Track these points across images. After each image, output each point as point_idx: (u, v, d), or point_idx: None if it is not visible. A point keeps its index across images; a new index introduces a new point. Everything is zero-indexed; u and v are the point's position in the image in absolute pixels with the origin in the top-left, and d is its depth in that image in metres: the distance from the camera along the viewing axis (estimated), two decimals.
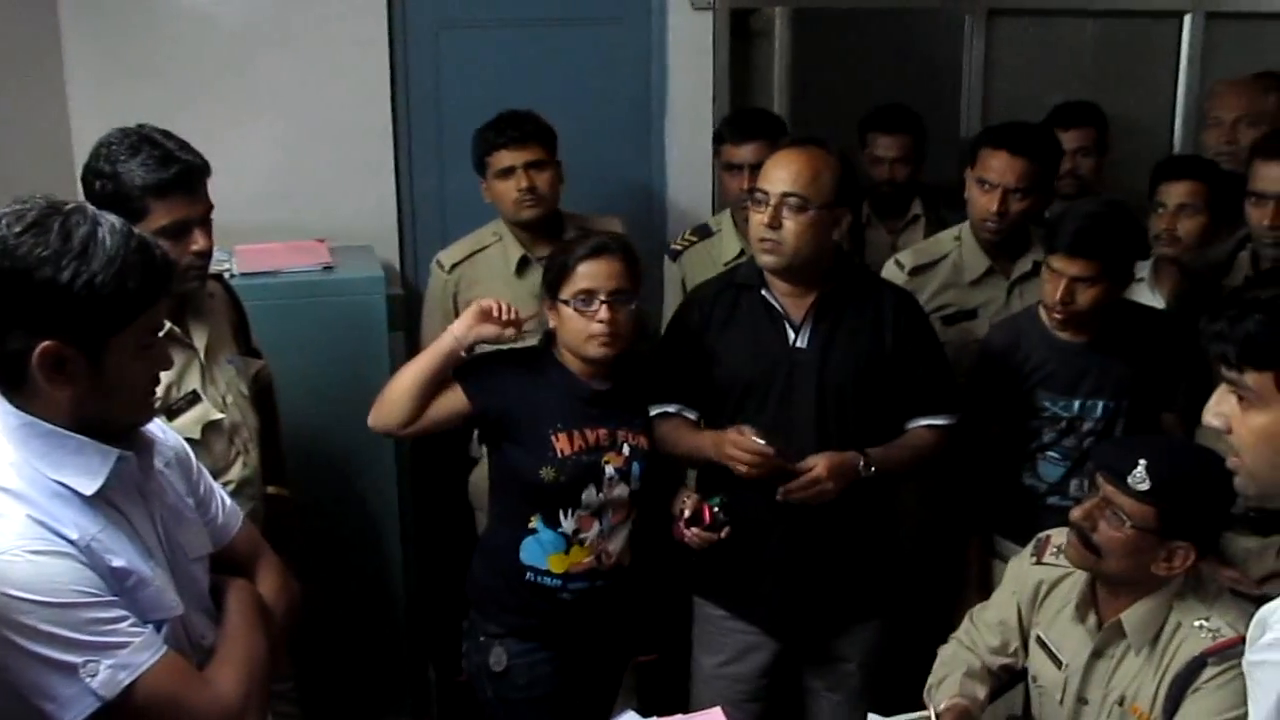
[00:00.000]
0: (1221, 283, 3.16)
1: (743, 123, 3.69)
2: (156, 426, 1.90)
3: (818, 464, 2.66)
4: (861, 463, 2.71)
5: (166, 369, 1.80)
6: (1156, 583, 2.26)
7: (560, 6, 4.12)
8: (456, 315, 3.45)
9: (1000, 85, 4.60)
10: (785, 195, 2.67)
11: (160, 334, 1.75)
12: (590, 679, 2.90)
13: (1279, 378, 1.59)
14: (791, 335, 2.77)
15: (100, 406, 1.68)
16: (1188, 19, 4.77)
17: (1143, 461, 2.19)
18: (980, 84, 4.56)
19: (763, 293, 2.79)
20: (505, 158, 3.39)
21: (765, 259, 2.72)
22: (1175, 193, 3.38)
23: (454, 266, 3.51)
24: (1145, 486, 2.18)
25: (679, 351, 2.87)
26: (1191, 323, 2.91)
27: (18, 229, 1.59)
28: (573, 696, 2.85)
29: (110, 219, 1.66)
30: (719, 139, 3.73)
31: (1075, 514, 2.29)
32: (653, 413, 2.85)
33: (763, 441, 2.63)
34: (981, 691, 2.51)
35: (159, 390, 1.85)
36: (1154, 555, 2.23)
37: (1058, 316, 2.87)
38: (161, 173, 2.37)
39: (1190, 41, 4.77)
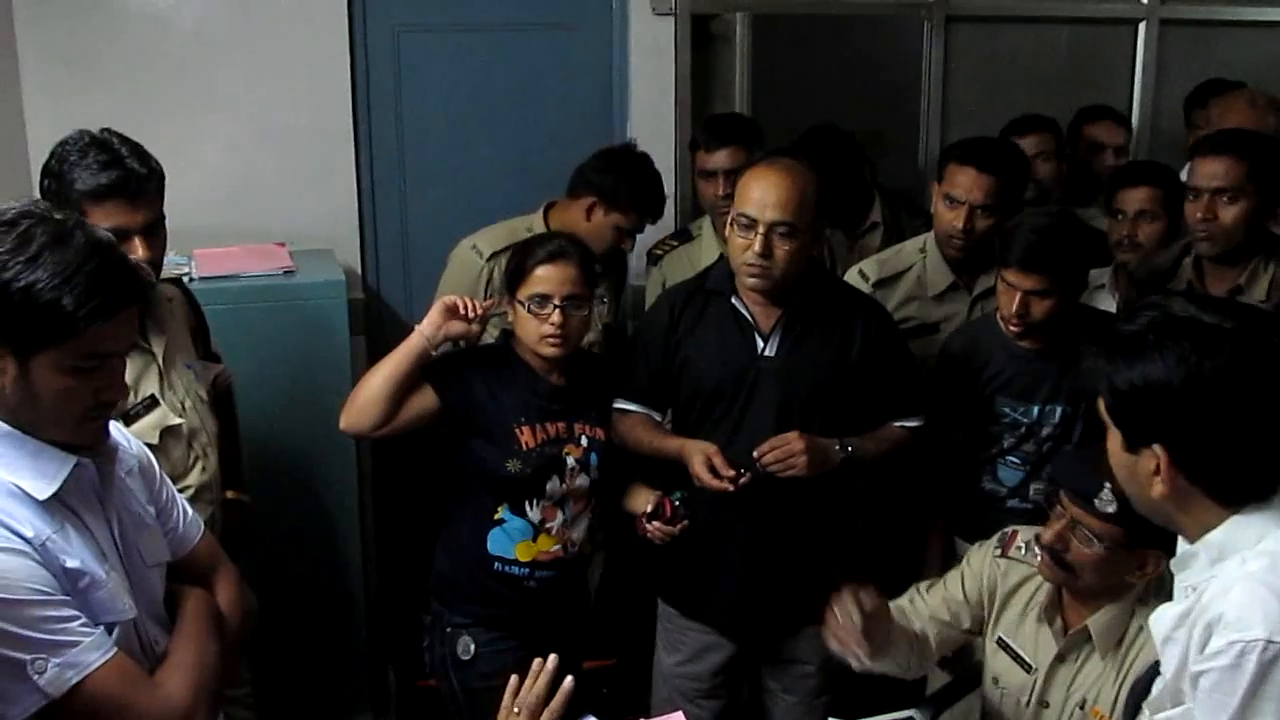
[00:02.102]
0: (1166, 288, 3.20)
1: (717, 128, 3.70)
2: (120, 434, 1.90)
3: (792, 434, 2.68)
4: (837, 445, 2.74)
5: (117, 398, 1.77)
6: (1124, 588, 2.29)
7: (521, 11, 4.13)
8: None
9: (958, 91, 4.64)
10: (775, 224, 2.67)
11: (111, 358, 1.72)
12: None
13: (1107, 405, 1.67)
14: (760, 343, 2.79)
15: (29, 415, 1.68)
16: (1142, 26, 4.85)
17: (1108, 484, 2.16)
18: (939, 89, 4.60)
19: (733, 300, 2.81)
20: (623, 220, 3.46)
21: (753, 283, 2.73)
22: (1133, 199, 3.41)
23: (494, 255, 3.41)
24: (1113, 508, 2.18)
25: (646, 352, 2.90)
26: None
27: None
28: None
29: (91, 234, 1.66)
30: (694, 145, 3.73)
31: (1046, 537, 2.30)
32: (616, 406, 2.89)
33: (731, 473, 2.65)
34: (900, 628, 2.50)
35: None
36: (1128, 566, 2.25)
37: (1014, 329, 2.90)
38: (100, 178, 2.36)
39: (1145, 48, 4.84)
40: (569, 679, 1.95)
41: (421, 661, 3.02)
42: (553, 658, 1.97)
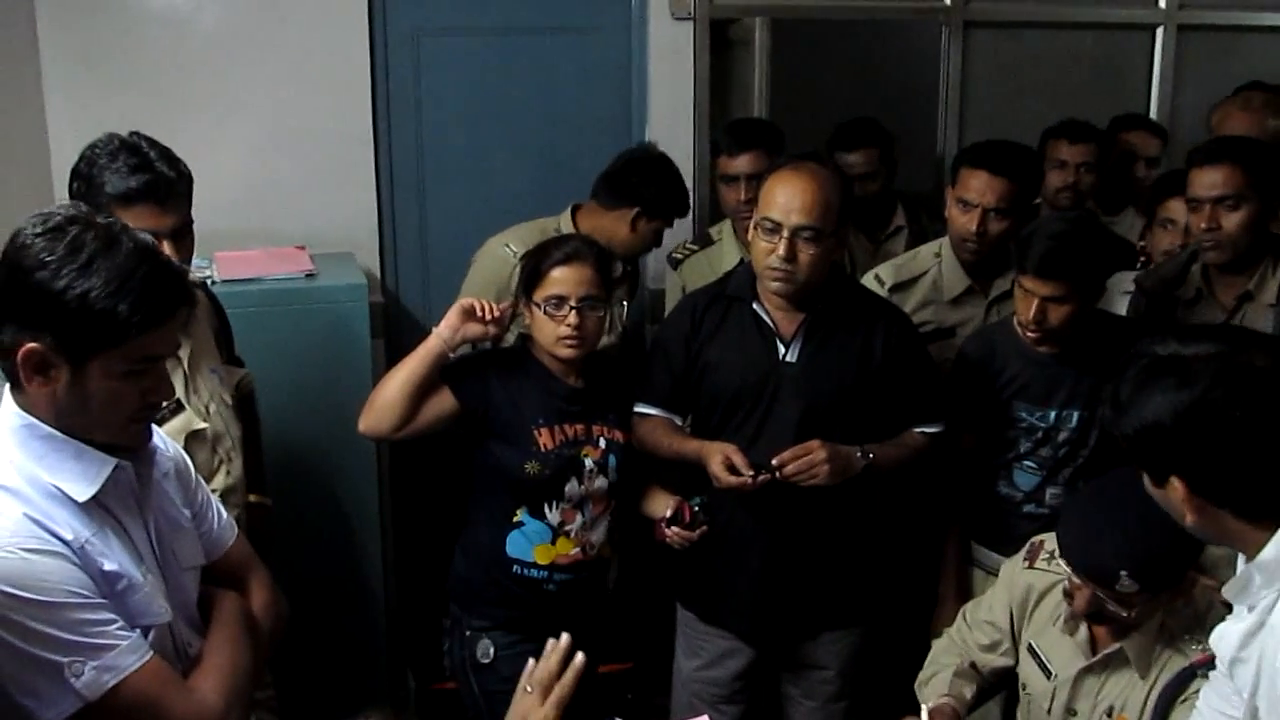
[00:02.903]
0: (1175, 295, 3.20)
1: (739, 133, 3.70)
2: (158, 437, 1.90)
3: (814, 442, 2.68)
4: (859, 452, 2.74)
5: (163, 399, 1.79)
6: (1130, 629, 2.28)
7: (540, 15, 4.14)
8: None
9: (976, 96, 4.65)
10: (799, 229, 2.66)
11: (159, 361, 1.74)
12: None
13: (1126, 449, 1.75)
14: (781, 349, 2.79)
15: (79, 418, 1.69)
16: (1160, 31, 4.84)
17: (1124, 571, 2.13)
18: (957, 95, 4.61)
19: (754, 306, 2.82)
20: (660, 224, 3.57)
21: (776, 286, 2.73)
22: (1184, 209, 3.38)
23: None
24: (1135, 589, 2.15)
25: (668, 357, 2.90)
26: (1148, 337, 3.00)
27: (38, 230, 1.63)
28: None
29: (136, 239, 1.68)
30: (715, 150, 3.73)
31: (1079, 606, 2.26)
32: (636, 410, 2.91)
33: (751, 472, 2.65)
34: (969, 690, 2.52)
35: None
36: (1166, 597, 2.23)
37: (1032, 335, 2.89)
38: (129, 182, 2.37)
39: (1163, 53, 4.84)
40: (580, 655, 1.98)
41: (440, 664, 3.03)
42: (565, 636, 2.00)
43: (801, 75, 4.43)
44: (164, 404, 1.82)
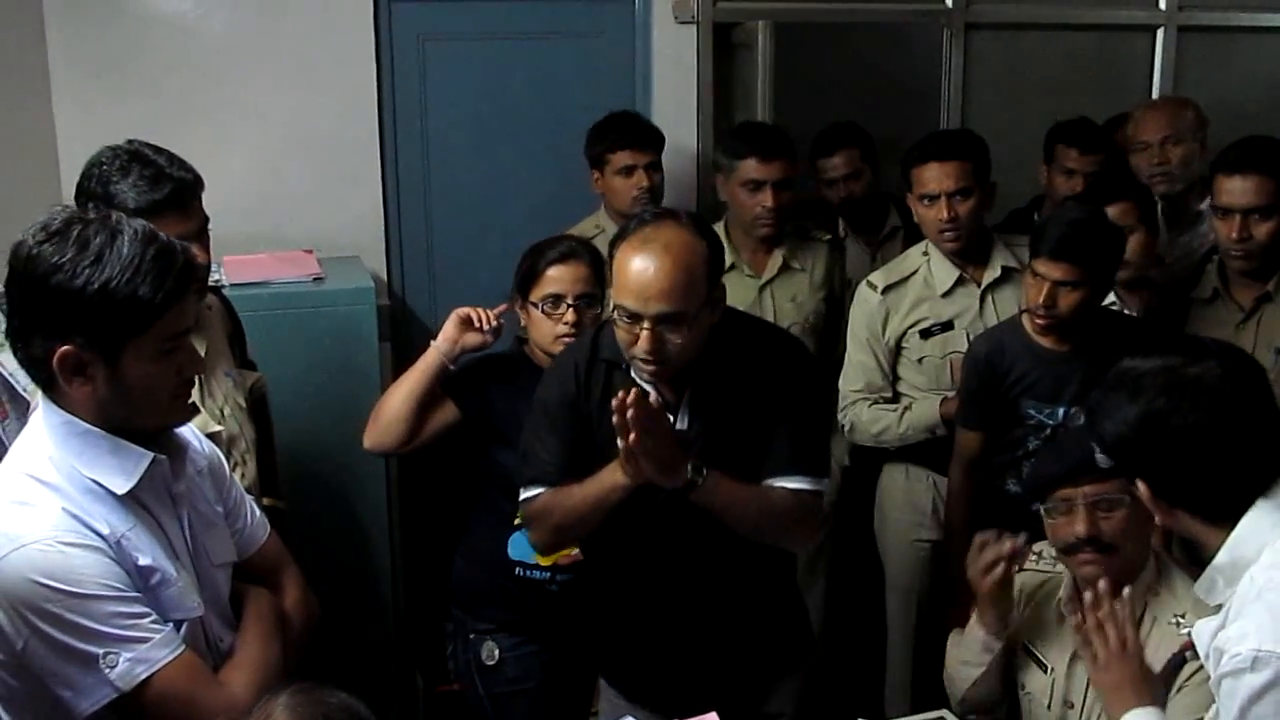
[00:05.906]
0: (1189, 295, 3.21)
1: (766, 139, 3.57)
2: (192, 434, 1.94)
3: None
4: (690, 467, 2.27)
5: (197, 372, 1.83)
6: (1133, 572, 2.30)
7: (544, 20, 4.15)
8: None
9: (978, 98, 4.67)
10: (660, 317, 2.23)
11: (184, 337, 1.77)
12: (574, 670, 2.95)
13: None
14: (670, 417, 2.38)
15: (124, 409, 1.72)
16: (1160, 33, 4.87)
17: (1094, 445, 2.05)
18: (959, 97, 4.63)
19: (633, 374, 2.38)
20: (626, 157, 3.66)
21: (648, 378, 2.35)
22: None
23: None
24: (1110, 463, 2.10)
25: (554, 425, 2.47)
26: (1160, 334, 3.03)
27: (40, 238, 1.66)
28: (557, 687, 2.91)
29: (134, 225, 1.70)
30: (737, 154, 3.54)
31: (1080, 531, 2.28)
32: (524, 497, 2.48)
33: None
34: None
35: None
36: (1148, 514, 2.09)
37: (1040, 321, 2.91)
38: (153, 193, 2.36)
39: (1163, 55, 4.87)
40: None
41: (447, 665, 3.04)
42: None
43: (804, 79, 4.44)
44: (196, 376, 1.84)
